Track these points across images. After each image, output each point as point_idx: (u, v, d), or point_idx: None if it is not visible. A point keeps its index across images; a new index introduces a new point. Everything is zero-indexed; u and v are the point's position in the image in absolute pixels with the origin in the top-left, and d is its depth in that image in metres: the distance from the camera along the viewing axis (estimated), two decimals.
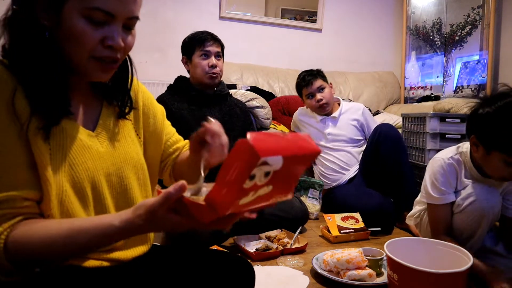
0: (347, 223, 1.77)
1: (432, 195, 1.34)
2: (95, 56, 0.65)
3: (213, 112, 1.78)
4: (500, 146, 1.12)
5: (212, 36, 1.77)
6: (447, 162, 1.31)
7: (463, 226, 1.25)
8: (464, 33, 3.23)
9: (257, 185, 0.51)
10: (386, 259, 1.12)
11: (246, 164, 0.47)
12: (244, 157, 0.47)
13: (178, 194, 0.54)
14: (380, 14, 3.74)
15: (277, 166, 0.50)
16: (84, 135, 0.70)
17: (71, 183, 0.65)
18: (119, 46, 0.66)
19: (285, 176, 0.54)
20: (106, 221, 0.59)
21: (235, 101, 1.93)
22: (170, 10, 3.11)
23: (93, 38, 0.63)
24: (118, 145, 0.76)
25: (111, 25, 0.64)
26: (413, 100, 3.43)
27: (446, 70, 3.35)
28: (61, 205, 0.63)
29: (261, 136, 0.49)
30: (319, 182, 2.12)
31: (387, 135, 1.96)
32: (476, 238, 1.26)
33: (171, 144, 0.93)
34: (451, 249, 1.15)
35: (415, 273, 1.00)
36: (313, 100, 2.18)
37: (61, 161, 0.64)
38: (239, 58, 3.15)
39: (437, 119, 2.13)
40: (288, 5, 3.47)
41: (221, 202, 0.50)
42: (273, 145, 0.50)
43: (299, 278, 1.30)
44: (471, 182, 1.29)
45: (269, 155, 0.48)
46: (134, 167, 0.77)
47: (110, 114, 0.78)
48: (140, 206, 0.57)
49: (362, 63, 3.64)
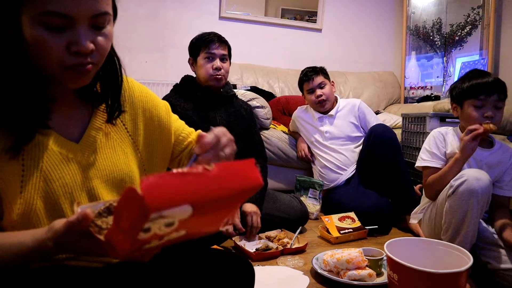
0: (344, 223, 1.78)
1: (423, 158, 1.54)
2: (65, 65, 0.60)
3: (219, 114, 1.78)
4: (466, 95, 1.42)
5: (218, 38, 1.75)
6: (436, 132, 1.56)
7: (455, 209, 1.26)
8: (464, 33, 3.23)
9: (158, 234, 0.43)
10: (386, 259, 1.12)
11: (135, 217, 0.40)
12: (133, 209, 0.40)
13: (82, 224, 0.49)
14: (380, 14, 3.74)
15: (184, 215, 0.42)
16: (65, 147, 0.66)
17: (44, 199, 0.62)
18: (87, 50, 0.59)
19: (208, 218, 0.46)
20: (19, 239, 0.55)
21: (240, 103, 1.92)
22: (170, 10, 3.11)
23: (56, 46, 0.58)
24: (104, 157, 0.71)
25: (73, 28, 0.58)
26: (413, 100, 3.43)
27: (446, 70, 3.35)
28: (27, 223, 0.60)
29: (162, 180, 0.40)
30: (319, 182, 2.12)
31: (381, 136, 1.97)
32: (468, 222, 1.25)
33: (182, 139, 0.89)
34: (451, 249, 1.15)
35: (415, 273, 1.00)
36: (313, 96, 2.19)
37: (34, 177, 0.61)
38: (239, 58, 3.13)
39: (437, 119, 2.13)
40: (288, 5, 3.47)
41: (119, 246, 0.44)
42: (176, 191, 0.40)
43: (299, 278, 1.30)
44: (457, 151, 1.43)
45: (165, 208, 0.39)
46: (121, 180, 0.73)
47: (100, 123, 0.73)
48: (50, 228, 0.54)
49: (362, 63, 3.65)
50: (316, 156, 2.25)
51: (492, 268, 1.28)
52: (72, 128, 0.69)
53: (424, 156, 1.54)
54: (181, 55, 2.10)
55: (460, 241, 1.25)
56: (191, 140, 0.91)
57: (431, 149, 1.52)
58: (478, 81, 1.40)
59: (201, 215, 0.43)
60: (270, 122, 2.48)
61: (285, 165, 2.41)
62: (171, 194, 0.40)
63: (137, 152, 0.79)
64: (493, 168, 1.43)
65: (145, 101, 0.82)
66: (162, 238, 0.45)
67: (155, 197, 0.38)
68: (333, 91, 2.23)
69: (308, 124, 2.29)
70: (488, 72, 1.49)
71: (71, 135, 0.69)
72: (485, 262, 1.30)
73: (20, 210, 0.60)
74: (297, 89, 3.12)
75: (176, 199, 0.40)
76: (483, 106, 1.38)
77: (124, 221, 0.42)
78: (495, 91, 1.37)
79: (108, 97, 0.73)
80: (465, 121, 1.44)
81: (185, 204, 0.40)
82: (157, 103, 0.85)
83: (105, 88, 0.73)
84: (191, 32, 1.91)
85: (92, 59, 0.62)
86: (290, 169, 2.42)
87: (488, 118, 1.36)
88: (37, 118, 0.62)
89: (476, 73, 1.45)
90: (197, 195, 0.41)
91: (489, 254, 1.30)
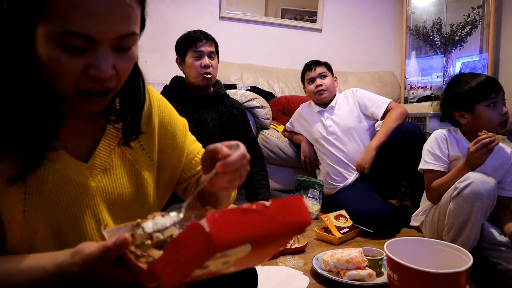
0: (340, 221, 1.78)
1: (426, 161, 1.50)
2: (81, 89, 0.53)
3: (210, 114, 1.77)
4: (476, 99, 1.37)
5: (205, 35, 1.74)
6: (439, 133, 1.53)
7: (459, 211, 1.26)
8: (464, 33, 3.23)
9: (212, 271, 0.42)
10: (386, 259, 1.12)
11: (198, 254, 0.38)
12: (197, 245, 0.38)
13: (119, 250, 0.46)
14: (380, 14, 3.74)
15: (243, 253, 0.40)
16: (72, 168, 0.60)
17: (48, 225, 0.57)
18: (106, 76, 0.52)
19: (257, 256, 0.45)
20: (39, 264, 0.52)
21: (232, 102, 1.91)
22: (170, 10, 3.11)
23: (72, 68, 0.51)
24: (115, 178, 0.65)
25: (93, 50, 0.51)
26: (413, 100, 3.43)
27: (446, 70, 3.35)
28: (31, 250, 0.56)
29: (226, 217, 0.38)
30: (319, 182, 2.12)
31: (412, 135, 1.88)
32: (471, 224, 1.25)
33: (195, 163, 0.79)
34: (451, 249, 1.15)
35: (415, 273, 1.00)
36: (312, 86, 2.17)
37: (38, 201, 0.56)
38: (239, 58, 3.15)
39: (437, 119, 2.13)
40: (288, 5, 3.47)
41: (166, 278, 0.41)
42: (240, 230, 0.39)
43: (299, 278, 1.30)
44: (461, 155, 1.44)
45: (231, 247, 0.38)
46: (130, 204, 0.67)
47: (113, 140, 0.66)
48: (78, 252, 0.49)
49: (362, 63, 3.64)
50: (321, 157, 2.20)
51: (502, 269, 1.28)
52: (81, 145, 0.63)
53: (428, 158, 1.51)
54: None
55: (462, 243, 1.25)
56: None
57: (435, 151, 1.49)
58: (481, 80, 1.39)
59: (256, 252, 0.42)
60: (270, 122, 2.48)
61: (285, 165, 2.41)
62: (236, 232, 0.38)
63: (153, 170, 0.71)
64: (496, 171, 1.42)
65: (162, 116, 0.74)
66: (211, 274, 0.43)
67: (222, 236, 0.37)
68: (334, 85, 2.20)
69: (308, 119, 2.25)
70: (474, 73, 1.48)
71: (80, 153, 0.62)
72: (495, 263, 1.30)
73: (24, 236, 0.56)
74: (297, 89, 3.14)
75: (241, 238, 0.39)
76: (496, 104, 1.37)
77: (182, 255, 0.39)
78: (499, 87, 1.38)
79: (126, 116, 0.65)
80: (481, 125, 1.38)
81: (247, 244, 0.39)
82: (175, 120, 0.77)
83: (124, 106, 0.66)
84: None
85: (109, 84, 0.55)
86: (290, 169, 2.42)
87: (505, 114, 1.36)
88: (46, 140, 0.56)
89: (468, 76, 1.43)
90: (257, 234, 0.40)
91: (499, 255, 1.30)
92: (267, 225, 0.41)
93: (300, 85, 3.19)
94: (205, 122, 1.72)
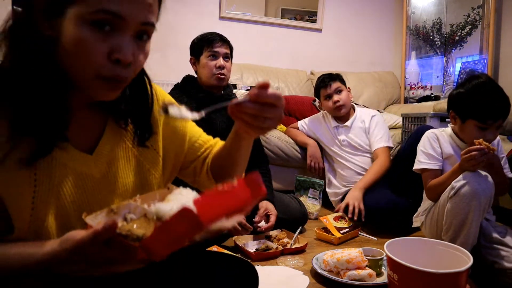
0: (339, 223, 1.78)
1: (421, 161, 1.52)
2: (102, 75, 0.56)
3: (218, 116, 1.78)
4: (472, 115, 1.36)
5: (221, 37, 1.77)
6: (430, 134, 1.55)
7: (456, 210, 1.26)
8: (464, 33, 3.23)
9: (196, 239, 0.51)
10: (386, 259, 1.12)
11: (188, 232, 0.47)
12: (187, 225, 0.47)
13: (108, 234, 0.49)
14: (380, 14, 3.74)
15: (220, 224, 0.51)
16: (78, 160, 0.63)
17: (56, 216, 0.60)
18: (127, 60, 0.56)
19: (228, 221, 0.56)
20: (28, 251, 0.55)
21: None
22: (170, 10, 3.09)
23: (98, 51, 0.55)
24: (119, 169, 0.67)
25: (120, 33, 0.56)
26: (413, 100, 3.43)
27: (446, 70, 3.35)
28: (38, 239, 0.58)
29: (207, 200, 0.50)
30: (319, 182, 2.12)
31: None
32: (469, 223, 1.25)
33: (199, 146, 0.83)
34: (451, 249, 1.15)
35: (415, 273, 1.00)
36: (330, 102, 2.20)
37: (47, 192, 0.59)
38: (239, 58, 3.13)
39: (437, 119, 2.13)
40: (288, 5, 3.47)
41: (157, 252, 0.49)
42: (218, 208, 0.50)
43: (299, 278, 1.30)
44: (453, 153, 1.47)
45: (213, 223, 0.49)
46: (134, 194, 0.68)
47: (115, 133, 0.69)
48: (67, 239, 0.53)
49: (362, 63, 3.64)
50: (334, 162, 2.24)
51: (499, 267, 1.28)
52: (85, 138, 0.66)
53: (422, 158, 1.53)
54: (181, 55, 2.10)
55: (461, 242, 1.25)
56: (209, 146, 0.85)
57: (427, 151, 1.51)
58: (487, 102, 1.32)
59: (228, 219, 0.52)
60: None
61: (285, 165, 2.41)
62: (216, 211, 0.49)
63: (158, 160, 0.74)
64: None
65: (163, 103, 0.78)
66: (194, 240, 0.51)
67: (207, 216, 0.47)
68: (349, 98, 2.24)
69: (324, 129, 2.30)
70: (495, 87, 1.36)
71: (84, 146, 0.65)
72: (492, 261, 1.30)
73: (32, 228, 0.58)
74: (297, 89, 3.15)
75: (220, 215, 0.50)
76: (487, 129, 1.34)
77: (172, 233, 0.48)
78: (501, 116, 1.33)
79: (133, 116, 0.69)
80: (463, 134, 1.43)
81: (223, 217, 0.50)
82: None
83: (131, 107, 0.69)
84: (191, 32, 1.91)
85: (126, 73, 0.59)
86: (290, 169, 2.42)
87: (488, 141, 1.30)
88: (58, 129, 0.59)
89: (482, 88, 1.35)
90: (230, 209, 0.51)
91: (496, 253, 1.30)
92: (236, 200, 0.53)
93: (300, 85, 3.22)
94: (213, 123, 1.73)
